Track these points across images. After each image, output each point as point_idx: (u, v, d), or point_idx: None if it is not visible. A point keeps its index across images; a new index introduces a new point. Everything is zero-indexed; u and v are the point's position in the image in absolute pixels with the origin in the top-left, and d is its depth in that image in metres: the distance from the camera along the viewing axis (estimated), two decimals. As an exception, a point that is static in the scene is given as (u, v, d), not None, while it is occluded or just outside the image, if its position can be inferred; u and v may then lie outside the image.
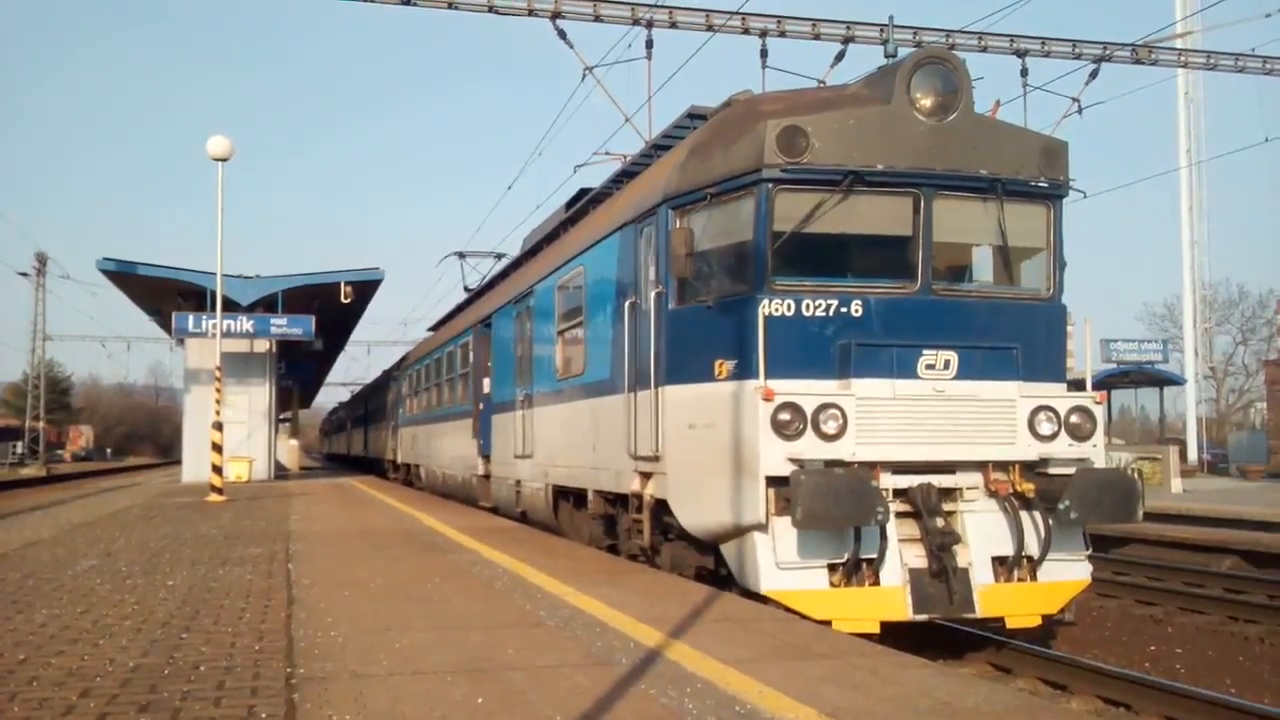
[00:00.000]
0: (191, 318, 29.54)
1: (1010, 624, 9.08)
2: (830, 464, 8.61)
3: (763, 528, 8.69)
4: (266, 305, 31.07)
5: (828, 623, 8.44)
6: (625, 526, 11.91)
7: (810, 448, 8.65)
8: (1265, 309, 65.09)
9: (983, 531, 9.03)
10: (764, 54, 17.12)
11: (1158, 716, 8.24)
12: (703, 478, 9.37)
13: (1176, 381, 47.03)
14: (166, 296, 31.96)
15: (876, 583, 8.73)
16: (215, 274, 25.05)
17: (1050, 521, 8.96)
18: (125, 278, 30.73)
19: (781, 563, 8.63)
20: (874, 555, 8.66)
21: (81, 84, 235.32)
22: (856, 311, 9.03)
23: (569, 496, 13.93)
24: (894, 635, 8.32)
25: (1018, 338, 9.31)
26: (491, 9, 18.75)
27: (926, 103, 9.08)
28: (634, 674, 5.75)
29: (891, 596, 8.72)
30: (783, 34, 19.27)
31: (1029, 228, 9.63)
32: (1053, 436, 9.23)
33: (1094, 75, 18.72)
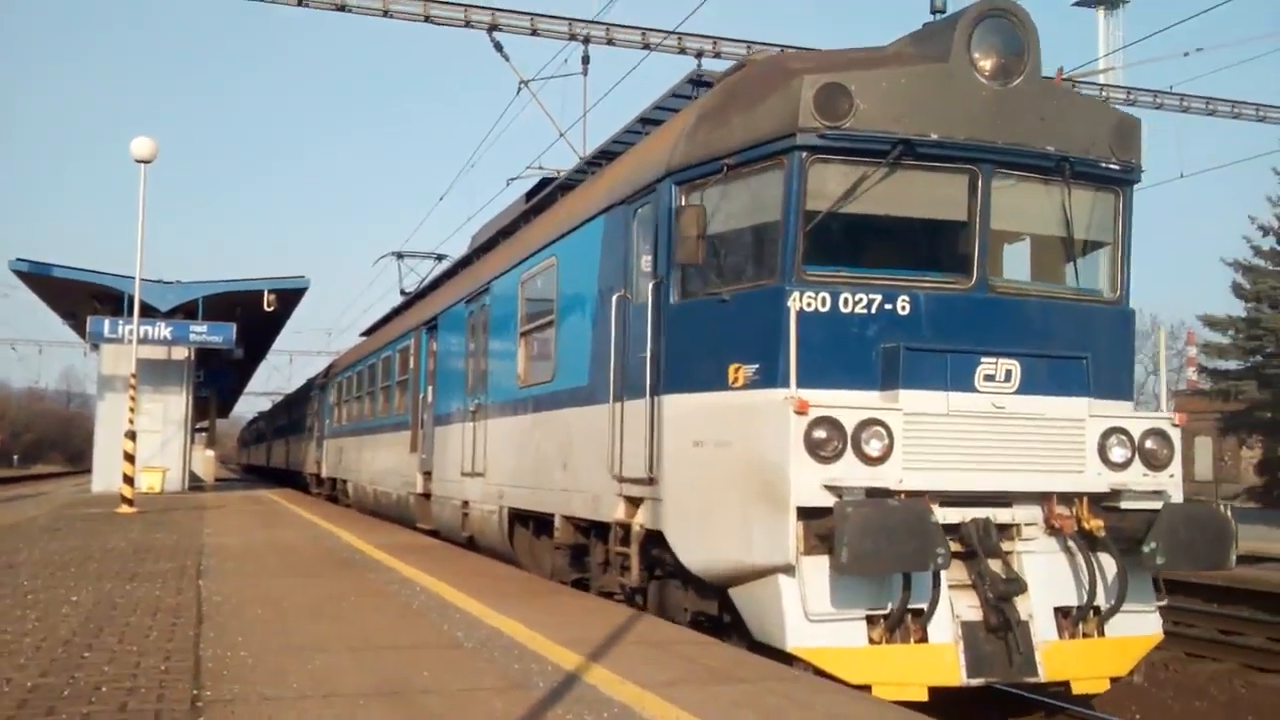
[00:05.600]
0: (107, 322, 28.60)
1: (1076, 689, 7.59)
2: (872, 493, 7.09)
3: (789, 570, 7.11)
4: (186, 312, 30.23)
5: (866, 687, 6.90)
6: (599, 560, 10.25)
7: (850, 472, 7.11)
8: (1176, 340, 65.33)
9: (1044, 577, 7.54)
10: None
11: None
12: (711, 506, 7.76)
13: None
14: (82, 300, 30.85)
15: (924, 639, 7.20)
16: (134, 278, 24.17)
17: (1124, 566, 7.51)
18: (39, 279, 29.65)
19: (813, 614, 7.05)
20: (923, 605, 7.13)
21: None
22: (903, 309, 7.51)
23: (528, 522, 12.22)
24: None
25: (1086, 346, 7.87)
26: (428, 19, 18.83)
27: (988, 63, 7.61)
28: (551, 698, 5.69)
29: (942, 656, 7.19)
30: (718, 55, 19.72)
31: (1096, 217, 8.21)
32: (1125, 464, 7.79)
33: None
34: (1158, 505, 7.70)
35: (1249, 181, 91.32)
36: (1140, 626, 7.79)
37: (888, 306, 7.48)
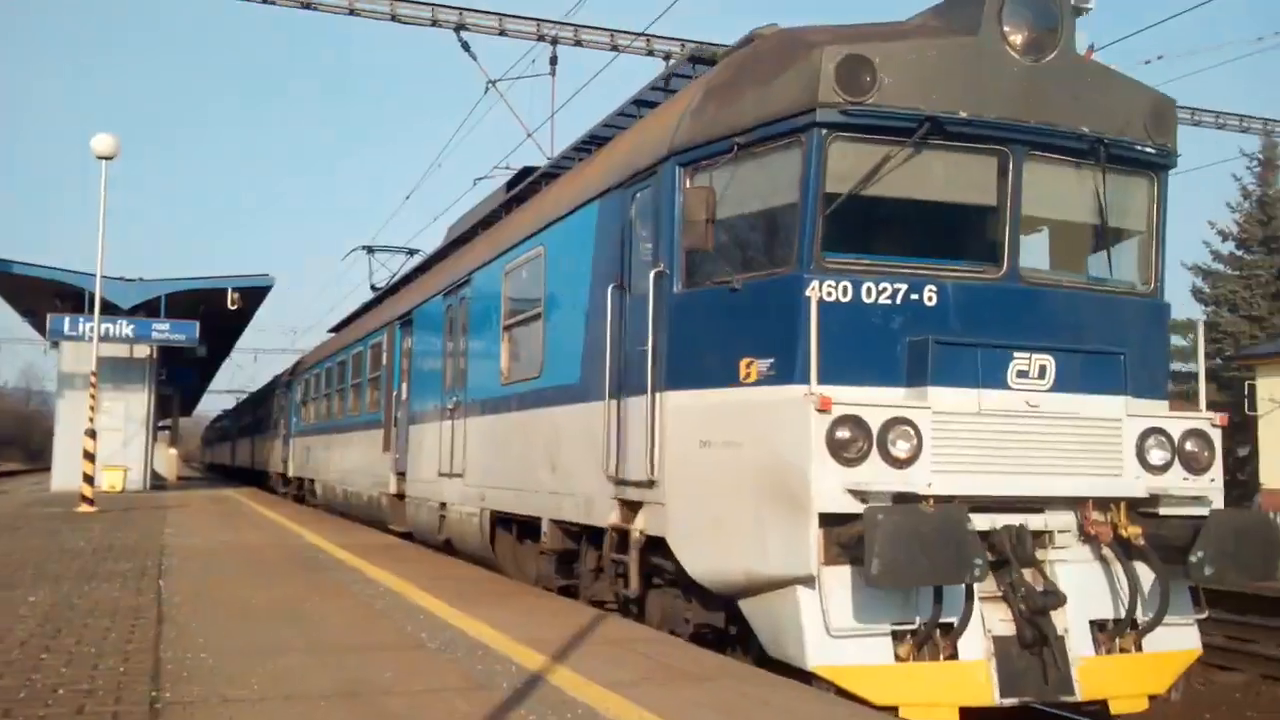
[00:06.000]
0: (68, 320, 28.39)
1: (1114, 708, 7.06)
2: (899, 498, 6.54)
3: (810, 581, 6.54)
4: (149, 309, 29.95)
5: (893, 709, 6.35)
6: (589, 567, 9.65)
7: (875, 476, 6.54)
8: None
9: (1079, 588, 7.00)
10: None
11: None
12: (720, 512, 7.18)
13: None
14: (42, 297, 30.45)
15: (954, 655, 6.65)
16: (95, 275, 23.69)
17: (1165, 576, 7.01)
18: (-2, 276, 29.20)
19: (836, 629, 6.48)
20: (954, 619, 6.59)
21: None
22: (930, 299, 6.96)
23: (511, 526, 11.58)
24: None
25: (1122, 341, 7.35)
26: (394, 17, 18.74)
27: (1020, 37, 7.08)
28: (515, 699, 5.66)
29: (973, 674, 6.64)
30: (688, 58, 19.17)
31: (1131, 203, 7.70)
32: (1165, 467, 7.27)
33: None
34: (1199, 511, 7.21)
35: (1209, 187, 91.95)
36: (1178, 640, 7.28)
37: (914, 297, 6.93)
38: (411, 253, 24.62)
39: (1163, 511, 7.18)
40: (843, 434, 6.51)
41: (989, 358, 6.88)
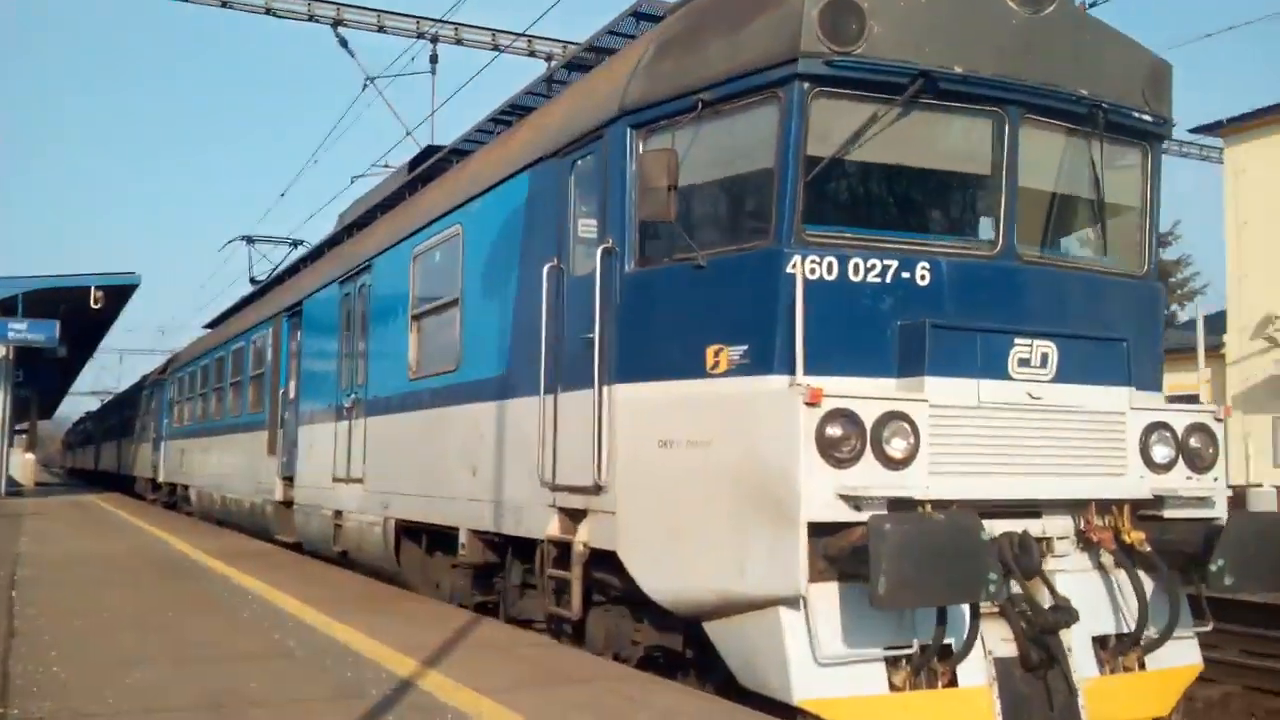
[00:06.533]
0: None
1: (1119, 734, 6.37)
2: (894, 505, 5.72)
3: (794, 602, 5.67)
4: (4, 308, 27.98)
5: None
6: (515, 582, 8.64)
7: (870, 478, 5.71)
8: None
9: (1080, 601, 6.26)
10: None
11: None
12: (685, 521, 6.26)
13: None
14: None
15: (953, 682, 5.87)
16: None
17: (1174, 586, 6.35)
18: None
19: (824, 657, 5.63)
20: (953, 641, 5.80)
21: None
22: (923, 279, 6.16)
23: (421, 536, 10.48)
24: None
25: (1120, 327, 6.68)
26: (269, 11, 18.51)
27: None
28: (384, 707, 5.56)
29: (975, 702, 5.88)
30: (570, 63, 19.45)
31: (1125, 176, 7.03)
32: (1169, 466, 6.61)
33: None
34: (1204, 513, 6.60)
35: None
36: (1180, 656, 6.63)
37: (905, 275, 6.12)
38: (296, 244, 23.26)
39: (1167, 514, 6.53)
40: (834, 431, 5.66)
41: (989, 344, 6.11)
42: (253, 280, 23.72)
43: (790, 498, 5.62)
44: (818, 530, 5.66)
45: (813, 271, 5.96)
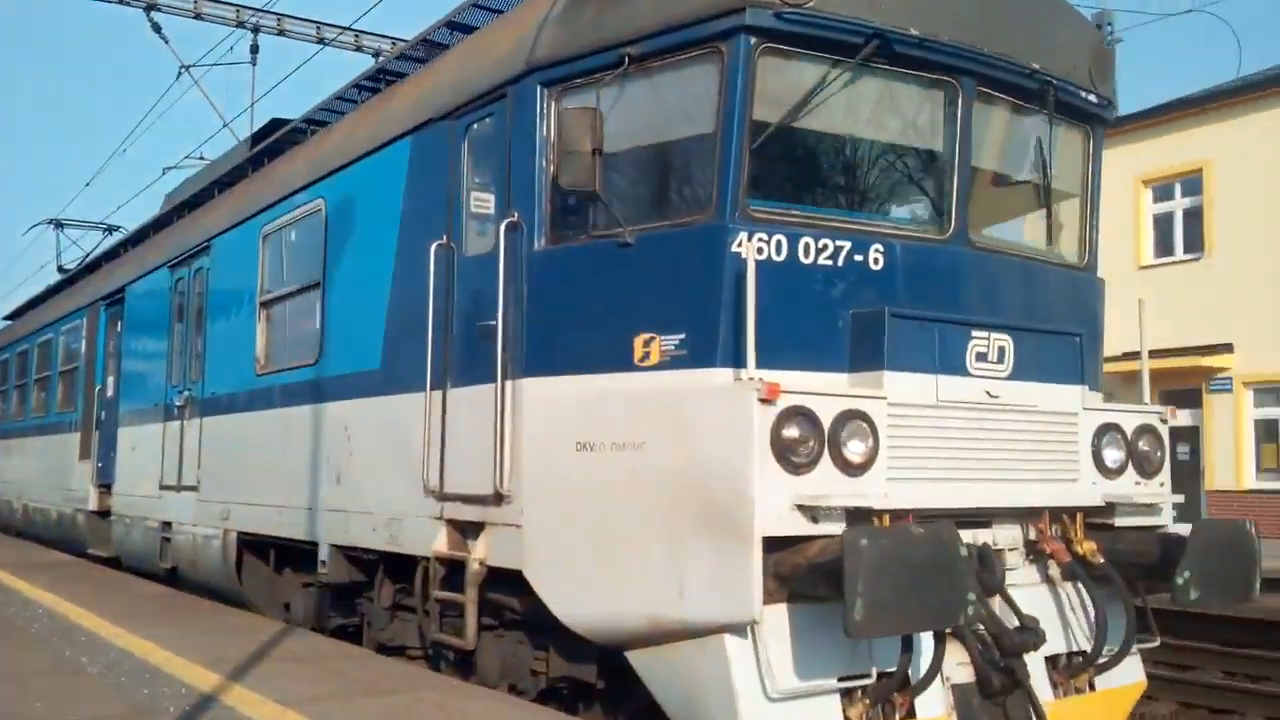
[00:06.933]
0: None
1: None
2: (853, 516, 5.06)
3: (742, 630, 4.94)
4: None
5: None
6: (384, 604, 7.65)
7: (827, 485, 5.03)
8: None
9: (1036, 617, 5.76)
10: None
11: None
12: (610, 536, 5.44)
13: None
14: None
15: (910, 713, 5.24)
16: None
17: (1128, 600, 5.91)
18: None
19: (776, 691, 4.91)
20: (915, 669, 5.18)
21: None
22: (876, 263, 5.52)
23: (267, 552, 9.32)
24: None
25: (1070, 321, 6.21)
26: None
27: None
28: None
29: (934, 735, 5.26)
30: (399, 56, 19.04)
31: (1069, 160, 6.59)
32: (1119, 470, 6.17)
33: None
34: (1152, 520, 6.21)
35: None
36: (1125, 674, 6.20)
37: (858, 258, 5.47)
38: (111, 229, 21.39)
39: (1118, 522, 6.09)
40: (791, 432, 4.96)
41: (947, 336, 5.51)
42: (61, 269, 21.73)
43: (741, 509, 4.89)
44: (768, 545, 4.95)
45: (760, 251, 5.24)
